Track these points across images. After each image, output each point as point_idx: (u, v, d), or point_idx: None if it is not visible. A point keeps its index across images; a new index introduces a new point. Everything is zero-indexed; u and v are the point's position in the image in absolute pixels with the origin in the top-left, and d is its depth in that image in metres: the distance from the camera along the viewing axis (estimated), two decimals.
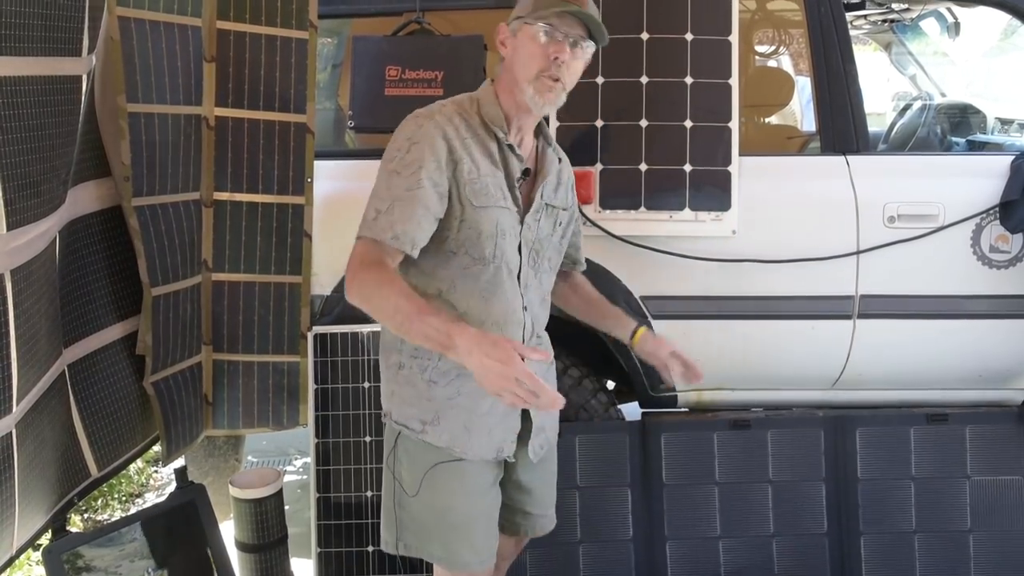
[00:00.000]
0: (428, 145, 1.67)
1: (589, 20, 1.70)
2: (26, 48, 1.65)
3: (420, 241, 1.66)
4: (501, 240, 1.73)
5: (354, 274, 1.63)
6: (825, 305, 2.68)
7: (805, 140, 3.48)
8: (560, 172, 1.90)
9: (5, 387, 1.66)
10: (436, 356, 1.73)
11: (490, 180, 1.72)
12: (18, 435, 1.74)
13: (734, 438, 2.66)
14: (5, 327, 1.64)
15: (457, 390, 1.76)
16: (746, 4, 3.49)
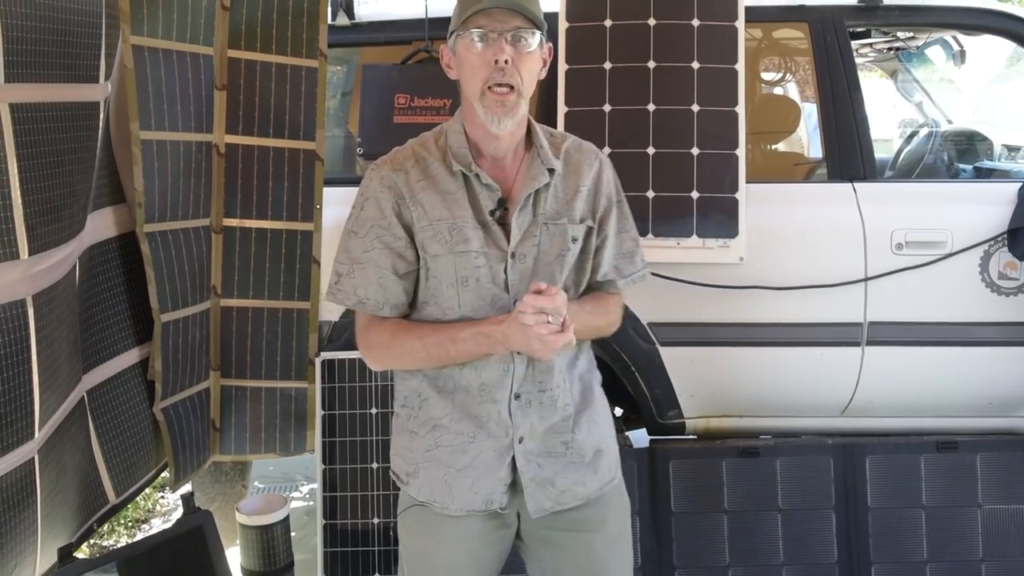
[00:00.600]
0: (375, 201, 1.62)
1: (520, 7, 1.51)
2: (45, 75, 1.70)
3: (392, 300, 1.63)
4: (463, 289, 1.59)
5: (363, 346, 1.66)
6: (833, 332, 2.69)
7: (812, 167, 3.51)
8: (569, 179, 1.66)
9: (27, 412, 1.68)
10: (418, 405, 1.67)
11: (444, 224, 1.59)
12: (40, 460, 1.76)
13: (743, 466, 2.66)
14: (27, 352, 1.67)
15: (435, 442, 1.66)
16: (752, 33, 3.53)
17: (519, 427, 1.63)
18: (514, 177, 1.63)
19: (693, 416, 2.83)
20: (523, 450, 1.63)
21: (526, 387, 1.63)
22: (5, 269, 1.61)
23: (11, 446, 1.66)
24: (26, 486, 1.72)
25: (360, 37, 2.99)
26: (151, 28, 2.15)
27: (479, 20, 1.52)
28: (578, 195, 1.66)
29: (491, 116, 1.54)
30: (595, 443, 1.69)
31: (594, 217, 1.67)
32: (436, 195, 1.60)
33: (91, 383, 2.11)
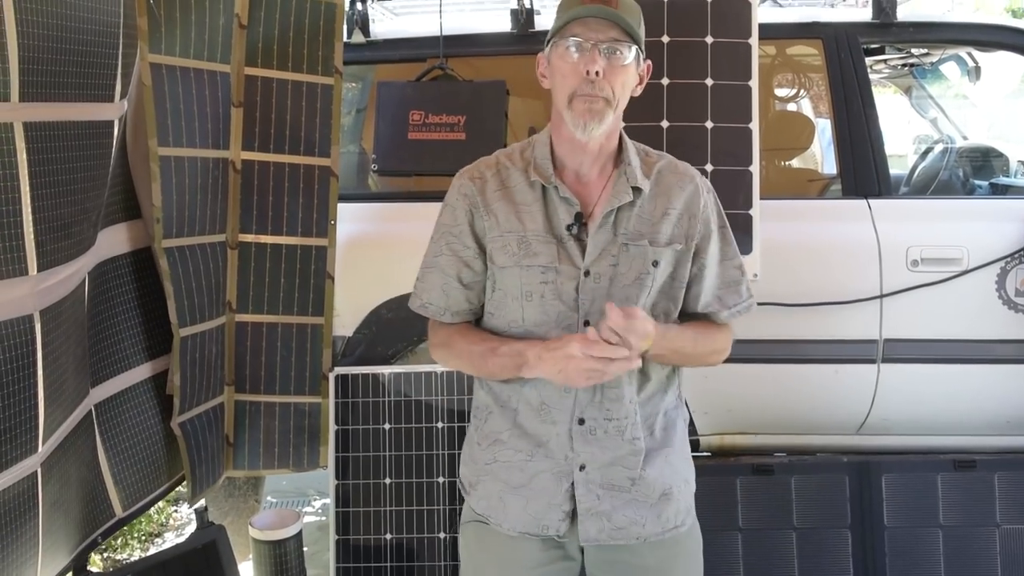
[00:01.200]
0: (451, 208, 1.61)
1: (619, 19, 1.45)
2: (60, 94, 1.70)
3: (454, 307, 1.62)
4: (527, 303, 1.54)
5: (429, 344, 1.67)
6: (849, 349, 2.66)
7: (826, 183, 3.48)
8: (659, 200, 1.58)
9: (32, 427, 1.68)
10: (484, 417, 1.64)
11: (514, 236, 1.54)
12: (43, 474, 1.75)
13: (757, 483, 2.62)
14: (33, 367, 1.66)
15: (494, 456, 1.62)
16: (765, 49, 3.52)
17: (580, 454, 1.56)
18: (599, 194, 1.56)
19: (707, 433, 2.80)
20: (584, 479, 1.56)
21: (591, 412, 1.55)
22: (13, 285, 1.60)
23: (14, 460, 1.64)
24: (28, 499, 1.71)
25: (375, 54, 3.00)
26: (169, 46, 2.16)
27: (575, 29, 1.47)
28: (666, 217, 1.57)
29: (578, 121, 1.48)
30: (665, 485, 1.59)
31: (688, 242, 1.58)
32: (510, 206, 1.56)
33: (100, 397, 2.10)
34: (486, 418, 1.64)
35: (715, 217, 1.63)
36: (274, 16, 2.41)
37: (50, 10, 1.64)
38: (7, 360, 1.60)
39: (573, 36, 1.47)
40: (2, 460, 1.62)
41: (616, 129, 1.57)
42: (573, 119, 1.49)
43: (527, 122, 3.26)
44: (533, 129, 3.16)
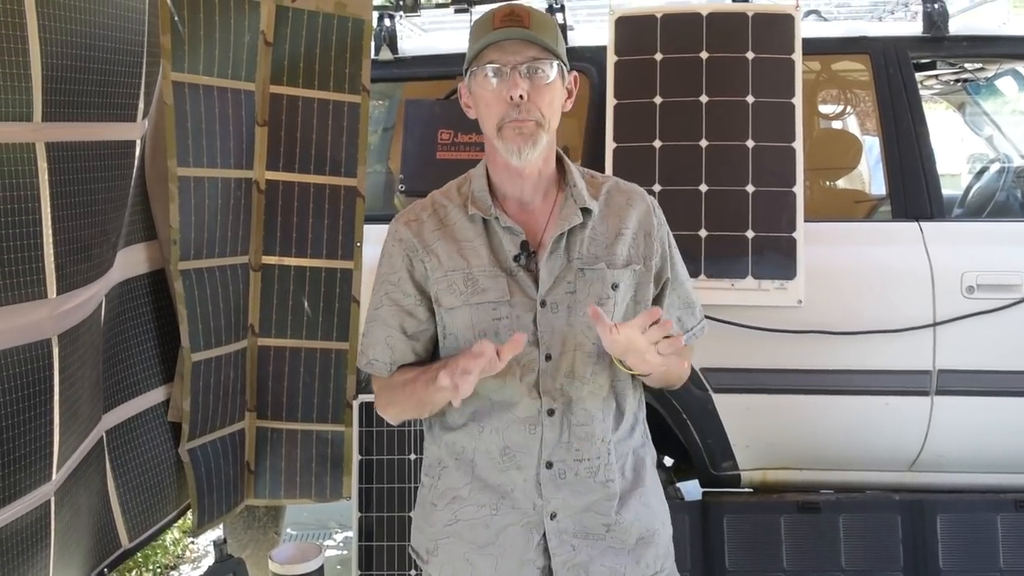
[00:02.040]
0: (387, 256, 1.58)
1: (534, 38, 1.43)
2: (83, 113, 1.73)
3: (400, 360, 1.57)
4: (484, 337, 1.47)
5: (378, 407, 1.62)
6: (900, 380, 2.61)
7: (874, 204, 3.44)
8: (610, 220, 1.56)
9: (46, 454, 1.70)
10: (437, 474, 1.59)
11: (459, 275, 1.50)
12: (56, 502, 1.77)
13: (803, 522, 2.58)
14: (50, 392, 1.68)
15: (455, 515, 1.55)
16: (809, 65, 3.50)
17: (550, 500, 1.50)
18: (546, 220, 1.54)
19: (749, 468, 2.77)
20: (556, 528, 1.50)
21: (559, 454, 1.50)
22: (32, 308, 1.63)
23: (28, 488, 1.66)
24: (40, 528, 1.72)
25: (403, 72, 3.03)
26: (192, 64, 2.19)
27: (491, 54, 1.45)
28: (620, 238, 1.55)
29: (511, 147, 1.46)
30: (642, 528, 1.55)
31: (646, 263, 1.56)
32: (452, 244, 1.53)
33: (111, 423, 2.12)
34: (439, 475, 1.58)
35: (667, 236, 1.62)
36: (300, 33, 2.45)
37: (74, 28, 1.68)
38: (24, 385, 1.62)
39: (490, 62, 1.45)
40: (16, 488, 1.64)
41: (553, 151, 1.55)
42: (505, 147, 1.47)
43: (559, 141, 3.26)
44: (566, 149, 3.17)
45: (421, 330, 1.56)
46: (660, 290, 1.60)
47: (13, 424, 1.61)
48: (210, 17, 2.21)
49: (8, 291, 1.57)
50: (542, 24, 1.46)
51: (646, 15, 2.76)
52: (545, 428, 1.50)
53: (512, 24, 1.43)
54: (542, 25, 1.46)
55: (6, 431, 1.59)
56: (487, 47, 1.44)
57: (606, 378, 1.53)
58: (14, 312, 1.59)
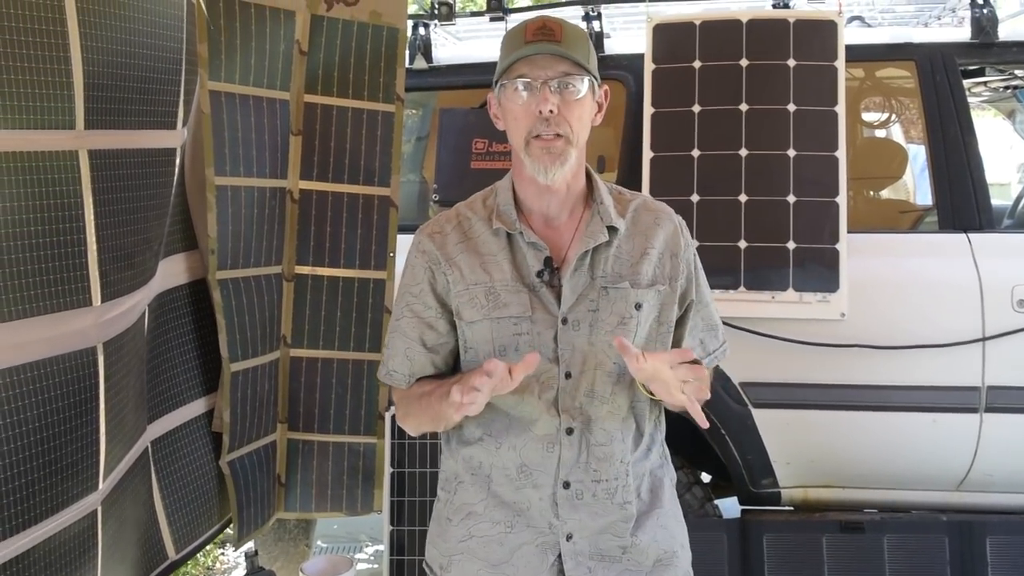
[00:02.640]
0: (410, 267, 1.60)
1: (566, 54, 1.44)
2: (124, 121, 1.79)
3: (418, 372, 1.59)
4: (502, 359, 1.44)
5: (399, 419, 1.66)
6: (947, 397, 2.59)
7: (920, 215, 3.41)
8: (636, 239, 1.57)
9: (93, 463, 1.74)
10: (453, 488, 1.60)
11: (481, 288, 1.52)
12: (103, 513, 1.81)
13: (846, 542, 2.56)
14: (95, 401, 1.73)
15: (469, 531, 1.56)
16: (853, 72, 3.49)
17: (567, 521, 1.51)
18: (571, 237, 1.54)
19: (789, 485, 2.75)
20: (572, 549, 1.51)
21: (577, 475, 1.51)
22: (77, 316, 1.68)
23: (75, 497, 1.71)
24: (88, 539, 1.77)
25: (438, 80, 3.07)
26: (228, 73, 2.25)
27: (521, 68, 1.46)
28: (646, 257, 1.55)
29: (538, 165, 1.47)
30: (660, 550, 1.55)
31: (671, 283, 1.56)
32: (474, 257, 1.54)
33: (156, 433, 2.17)
34: (455, 489, 1.59)
35: (694, 257, 1.62)
36: (335, 42, 2.50)
37: (114, 36, 1.74)
38: (70, 393, 1.67)
39: (520, 76, 1.45)
40: (64, 497, 1.68)
41: (582, 166, 1.56)
42: (532, 163, 1.48)
43: (595, 151, 3.29)
44: (602, 159, 3.19)
45: (441, 343, 1.58)
46: (684, 312, 1.60)
47: (60, 432, 1.66)
48: (246, 26, 2.27)
49: (53, 299, 1.63)
50: (574, 38, 1.47)
51: (684, 22, 2.78)
52: (563, 447, 1.51)
53: (544, 38, 1.44)
54: (574, 39, 1.47)
55: (53, 439, 1.65)
56: (518, 61, 1.45)
57: (626, 398, 1.54)
58: (59, 320, 1.64)
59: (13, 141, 1.54)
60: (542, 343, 1.49)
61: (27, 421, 1.58)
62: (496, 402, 1.49)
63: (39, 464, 1.61)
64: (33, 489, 1.60)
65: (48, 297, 1.61)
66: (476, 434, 1.55)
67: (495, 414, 1.52)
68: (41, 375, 1.60)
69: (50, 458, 1.64)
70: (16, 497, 1.56)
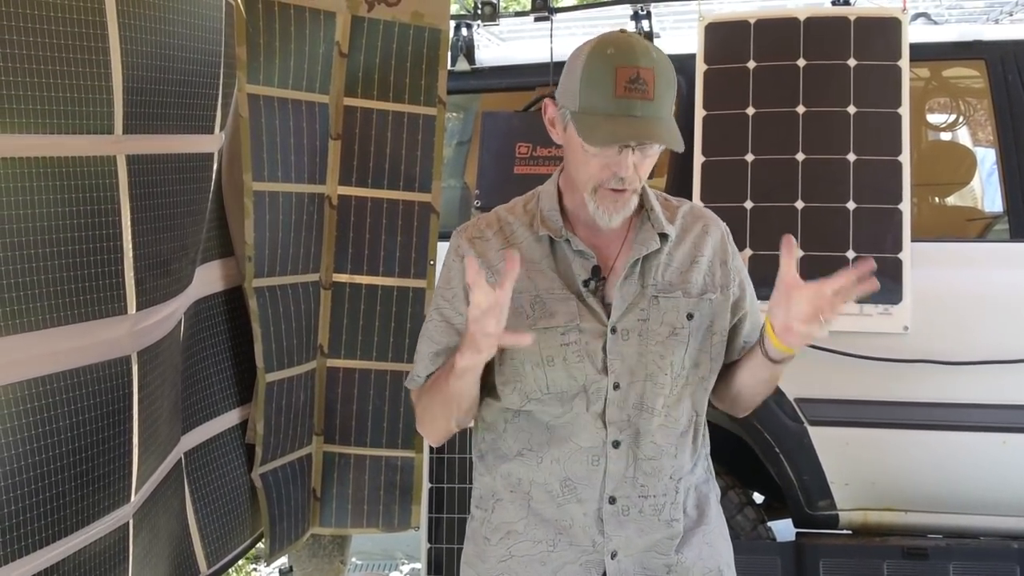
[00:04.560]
0: (447, 269, 1.59)
1: (657, 112, 1.40)
2: (162, 126, 1.83)
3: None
4: (549, 369, 1.49)
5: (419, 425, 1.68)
6: (1019, 416, 2.54)
7: (989, 223, 3.36)
8: (686, 247, 1.56)
9: (125, 474, 1.78)
10: (490, 507, 1.58)
11: (526, 297, 1.50)
12: (135, 525, 1.84)
13: (909, 569, 2.53)
14: (128, 411, 1.76)
15: (509, 551, 1.55)
16: (918, 72, 3.45)
17: (612, 538, 1.50)
18: (619, 244, 1.53)
19: (848, 508, 2.72)
20: (616, 568, 1.50)
21: (624, 490, 1.50)
22: (112, 324, 1.71)
23: (107, 509, 1.74)
24: (118, 552, 1.79)
25: (480, 83, 3.09)
26: (267, 76, 2.28)
27: (604, 124, 1.41)
28: (695, 266, 1.55)
29: (602, 212, 1.46)
30: (704, 568, 1.54)
31: (723, 291, 1.56)
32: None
33: (189, 444, 2.20)
34: (493, 507, 1.57)
35: (741, 264, 1.63)
36: (376, 44, 2.52)
37: (154, 40, 1.78)
38: (103, 403, 1.70)
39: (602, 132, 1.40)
40: (95, 509, 1.71)
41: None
42: (597, 208, 1.47)
43: None
44: None
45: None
46: (737, 321, 1.60)
47: (93, 443, 1.69)
48: (285, 28, 2.30)
49: (88, 306, 1.66)
50: (666, 87, 1.41)
51: (738, 21, 2.76)
52: (609, 460, 1.50)
53: (636, 95, 1.38)
54: (666, 89, 1.41)
55: (85, 450, 1.68)
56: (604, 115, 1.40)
57: (682, 412, 1.53)
58: (94, 328, 1.67)
59: (51, 146, 1.57)
60: (590, 353, 1.49)
61: (59, 431, 1.61)
62: (537, 414, 1.51)
63: (71, 475, 1.64)
64: (64, 500, 1.63)
65: (82, 305, 1.64)
66: (515, 448, 1.54)
67: (535, 427, 1.52)
68: (74, 384, 1.63)
69: (82, 469, 1.66)
70: (47, 508, 1.59)
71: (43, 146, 1.56)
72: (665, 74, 1.41)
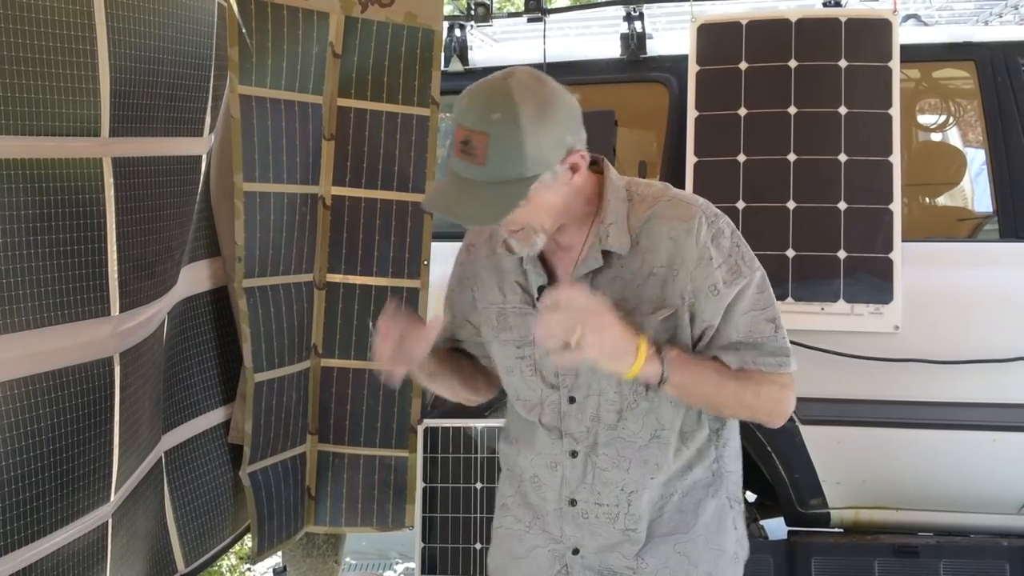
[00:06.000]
0: (456, 264, 1.68)
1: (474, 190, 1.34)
2: (150, 129, 1.79)
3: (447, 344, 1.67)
4: (511, 378, 1.56)
5: None
6: (1009, 414, 2.53)
7: (979, 223, 3.34)
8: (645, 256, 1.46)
9: (105, 475, 1.75)
10: (503, 477, 1.70)
11: (494, 309, 1.55)
12: (113, 525, 1.82)
13: (899, 567, 2.51)
14: (110, 412, 1.73)
15: (499, 522, 1.67)
16: (908, 73, 3.43)
17: (571, 536, 1.55)
18: (576, 257, 1.48)
19: (839, 506, 2.71)
20: (579, 563, 1.55)
21: (583, 494, 1.52)
22: (95, 326, 1.68)
23: (86, 509, 1.72)
24: (97, 551, 1.77)
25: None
26: (260, 77, 2.25)
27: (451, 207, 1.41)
28: (652, 277, 1.45)
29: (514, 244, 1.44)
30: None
31: (682, 300, 1.44)
32: (495, 275, 1.55)
33: (171, 443, 2.18)
34: (503, 479, 1.69)
35: (724, 260, 1.45)
36: (369, 44, 2.49)
37: (143, 43, 1.74)
38: (85, 404, 1.67)
39: (432, 193, 1.44)
40: (75, 509, 1.69)
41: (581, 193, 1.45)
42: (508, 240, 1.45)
43: (637, 155, 3.25)
44: (643, 164, 3.15)
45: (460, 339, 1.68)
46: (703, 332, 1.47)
47: (73, 443, 1.66)
48: (278, 29, 2.27)
49: (71, 308, 1.63)
50: (505, 152, 1.31)
51: (730, 22, 2.74)
52: (566, 468, 1.53)
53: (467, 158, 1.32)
54: (505, 153, 1.31)
55: (66, 450, 1.65)
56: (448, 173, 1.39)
57: (643, 426, 1.48)
58: (77, 329, 1.64)
59: (36, 147, 1.54)
60: (542, 368, 1.51)
61: (40, 432, 1.59)
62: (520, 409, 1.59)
63: (51, 475, 1.62)
64: (44, 500, 1.61)
65: (66, 306, 1.61)
66: (511, 433, 1.64)
67: (522, 421, 1.59)
68: (56, 385, 1.61)
69: (62, 469, 1.64)
70: (26, 508, 1.57)
71: (28, 148, 1.52)
72: (504, 139, 1.31)
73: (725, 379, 1.46)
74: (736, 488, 1.61)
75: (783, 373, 1.51)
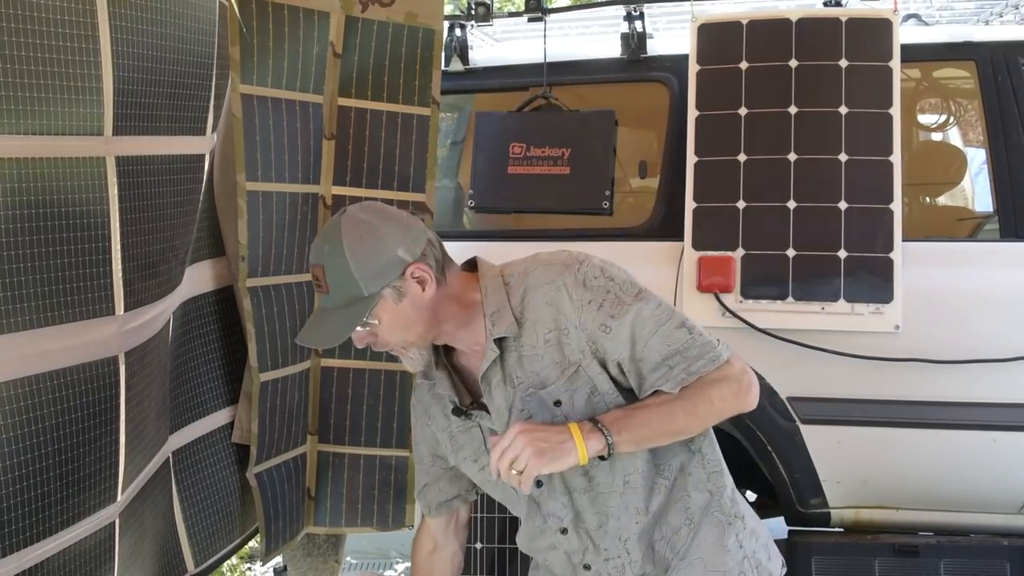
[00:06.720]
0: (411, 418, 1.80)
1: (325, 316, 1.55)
2: (153, 127, 1.80)
3: (439, 500, 1.79)
4: (485, 489, 1.73)
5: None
6: (1010, 414, 2.52)
7: (979, 223, 3.34)
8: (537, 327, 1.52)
9: (112, 474, 1.76)
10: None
11: (446, 434, 1.69)
12: (121, 525, 1.82)
13: (900, 567, 2.51)
14: (115, 411, 1.74)
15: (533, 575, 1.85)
16: (909, 73, 3.44)
17: None
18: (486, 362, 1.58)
19: (840, 506, 2.70)
20: None
21: (591, 558, 1.62)
22: (99, 325, 1.69)
23: (93, 508, 1.73)
24: (104, 551, 1.78)
25: (474, 83, 3.06)
26: (261, 76, 2.26)
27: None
28: (548, 344, 1.52)
29: (406, 364, 1.60)
30: None
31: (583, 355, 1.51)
32: (437, 403, 1.68)
33: (178, 444, 2.19)
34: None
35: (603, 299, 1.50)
36: (370, 44, 2.50)
37: (145, 41, 1.75)
38: (90, 403, 1.68)
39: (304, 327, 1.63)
40: (81, 508, 1.69)
41: (451, 298, 1.57)
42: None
43: (637, 156, 3.26)
44: (644, 164, 3.16)
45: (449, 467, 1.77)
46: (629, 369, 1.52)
47: (79, 443, 1.67)
48: (279, 28, 2.27)
49: (76, 307, 1.63)
50: (340, 279, 1.49)
51: (731, 21, 2.74)
52: (563, 545, 1.63)
53: (320, 291, 1.52)
54: (339, 280, 1.49)
55: (72, 449, 1.65)
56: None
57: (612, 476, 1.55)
58: (81, 328, 1.65)
59: (39, 146, 1.55)
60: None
61: (46, 431, 1.60)
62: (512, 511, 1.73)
63: (56, 475, 1.63)
64: (50, 500, 1.61)
65: (70, 305, 1.62)
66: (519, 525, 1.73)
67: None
68: (61, 384, 1.62)
69: (67, 468, 1.65)
70: (32, 508, 1.58)
71: (31, 147, 1.53)
72: (335, 267, 1.48)
73: (670, 407, 1.48)
74: (730, 503, 1.64)
75: (721, 365, 1.51)
